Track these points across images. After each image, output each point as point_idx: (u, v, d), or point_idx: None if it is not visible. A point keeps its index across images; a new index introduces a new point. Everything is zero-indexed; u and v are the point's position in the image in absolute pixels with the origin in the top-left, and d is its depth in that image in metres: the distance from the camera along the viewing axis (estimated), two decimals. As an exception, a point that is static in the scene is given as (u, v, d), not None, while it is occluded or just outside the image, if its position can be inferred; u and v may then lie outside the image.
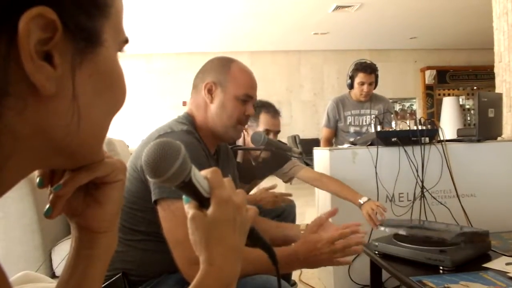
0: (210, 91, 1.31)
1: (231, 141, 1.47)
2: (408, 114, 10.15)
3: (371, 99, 3.28)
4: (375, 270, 1.86)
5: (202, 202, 0.57)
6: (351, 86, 3.28)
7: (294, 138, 7.91)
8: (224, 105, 1.30)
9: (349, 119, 3.28)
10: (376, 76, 3.22)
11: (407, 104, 10.39)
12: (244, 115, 1.32)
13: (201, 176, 0.57)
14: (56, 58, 0.35)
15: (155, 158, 0.52)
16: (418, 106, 10.15)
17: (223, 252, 0.57)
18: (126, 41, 0.45)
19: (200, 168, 0.58)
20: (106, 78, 0.41)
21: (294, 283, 2.55)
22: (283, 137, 8.89)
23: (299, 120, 9.38)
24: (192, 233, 0.57)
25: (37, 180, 0.49)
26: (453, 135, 2.68)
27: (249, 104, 1.33)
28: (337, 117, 3.33)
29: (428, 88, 9.93)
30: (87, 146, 0.43)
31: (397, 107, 10.35)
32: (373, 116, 3.18)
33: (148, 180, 1.14)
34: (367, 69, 3.17)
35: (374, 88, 3.26)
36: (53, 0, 0.33)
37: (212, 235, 0.57)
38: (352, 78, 3.24)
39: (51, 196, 0.48)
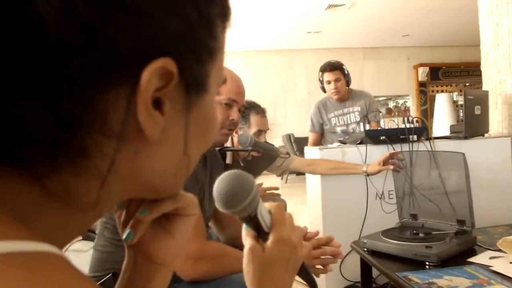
0: None
1: (217, 145, 1.50)
2: (400, 111, 10.21)
3: (351, 96, 3.31)
4: (365, 266, 1.89)
5: (260, 234, 0.58)
6: (323, 89, 3.32)
7: (289, 136, 7.95)
8: None
9: (334, 121, 3.32)
10: (343, 72, 3.21)
11: (400, 101, 10.45)
12: (228, 120, 1.35)
13: (266, 210, 0.59)
14: (167, 106, 0.34)
15: (229, 192, 0.53)
16: (411, 103, 10.22)
17: None
18: (225, 81, 0.45)
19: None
20: (206, 122, 0.41)
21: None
22: (277, 136, 8.97)
23: (294, 119, 9.42)
24: (246, 264, 0.58)
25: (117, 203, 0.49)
26: (447, 131, 2.73)
27: (234, 109, 1.36)
28: (321, 121, 3.37)
29: (421, 85, 10.00)
30: (176, 185, 0.44)
31: (391, 104, 10.41)
32: (356, 113, 3.22)
33: None
34: (328, 67, 3.20)
35: (348, 84, 3.27)
36: (176, 51, 0.33)
37: (265, 272, 0.58)
38: (322, 81, 3.28)
39: (132, 221, 0.48)
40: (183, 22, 0.33)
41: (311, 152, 2.59)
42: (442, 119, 8.42)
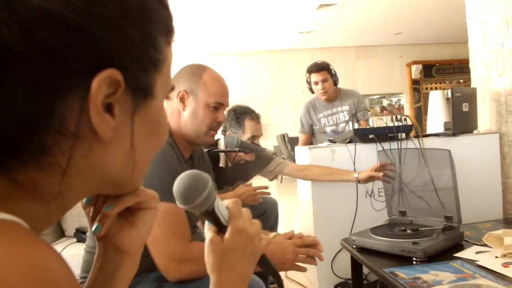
0: (182, 99, 1.36)
1: (204, 146, 1.52)
2: (394, 109, 10.25)
3: (339, 95, 3.33)
4: (355, 263, 1.91)
5: (221, 228, 0.63)
6: (311, 90, 3.34)
7: (283, 136, 7.95)
8: (196, 113, 1.35)
9: (323, 121, 3.34)
10: (330, 72, 3.23)
11: (394, 100, 10.49)
12: (215, 122, 1.38)
13: (223, 206, 0.64)
14: (116, 109, 0.41)
15: (185, 189, 0.59)
16: (405, 101, 10.25)
17: (231, 278, 0.63)
18: (172, 88, 0.52)
19: (173, 172, 0.64)
20: (155, 123, 0.48)
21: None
22: (272, 136, 8.98)
23: (288, 118, 9.43)
24: (207, 255, 0.64)
25: (85, 199, 0.56)
26: (441, 128, 2.75)
27: (220, 111, 1.39)
28: (311, 122, 3.39)
29: (415, 82, 10.03)
30: (135, 179, 0.50)
31: (385, 102, 10.45)
32: (345, 112, 3.24)
33: None
34: (314, 68, 3.24)
35: (335, 85, 3.28)
36: (121, 62, 0.39)
37: (224, 260, 0.63)
38: (309, 82, 3.30)
39: (99, 216, 0.55)
40: (126, 39, 0.40)
41: (301, 152, 2.61)
42: (436, 116, 8.44)
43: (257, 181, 2.36)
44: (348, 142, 2.36)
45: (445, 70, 10.10)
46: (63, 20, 0.35)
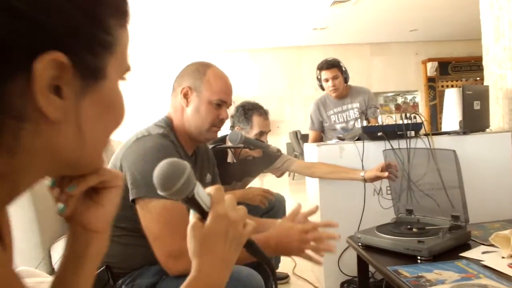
0: (186, 96, 1.37)
1: (206, 142, 1.53)
2: (409, 107, 10.14)
3: (350, 93, 3.31)
4: (361, 261, 1.91)
5: (203, 215, 0.65)
6: (322, 88, 3.32)
7: (295, 133, 7.94)
8: (199, 109, 1.36)
9: (333, 118, 3.32)
10: (340, 70, 3.22)
11: (409, 97, 10.37)
12: (218, 119, 1.39)
13: (205, 193, 0.65)
14: (64, 91, 0.42)
15: (163, 176, 0.61)
16: (420, 99, 10.13)
17: (211, 261, 0.65)
18: (128, 69, 0.52)
19: None
20: (107, 104, 0.48)
21: (287, 276, 2.61)
22: (285, 133, 8.97)
23: (301, 115, 9.41)
24: (189, 240, 0.66)
25: (50, 181, 0.57)
26: (457, 126, 2.71)
27: (223, 108, 1.40)
28: (321, 119, 3.38)
29: (430, 80, 9.90)
30: (90, 159, 0.51)
31: (400, 100, 10.34)
32: (355, 109, 3.22)
33: (126, 180, 1.21)
34: (324, 65, 3.22)
35: (346, 81, 3.27)
36: (66, 46, 0.40)
37: (204, 245, 0.65)
38: (319, 80, 3.29)
39: (63, 196, 0.56)
40: (71, 23, 0.41)
41: (310, 149, 2.60)
42: (452, 114, 8.34)
43: (268, 178, 2.37)
44: (357, 140, 2.35)
45: (461, 67, 9.95)
46: (4, 6, 0.37)
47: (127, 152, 1.27)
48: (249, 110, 2.26)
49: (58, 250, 2.27)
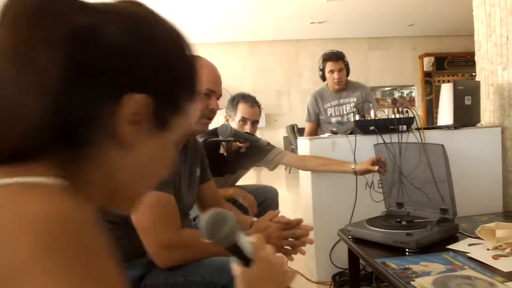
0: None
1: (197, 134, 1.54)
2: (405, 102, 10.17)
3: (348, 87, 3.35)
4: (352, 254, 1.94)
5: (246, 262, 0.69)
6: (323, 78, 3.35)
7: (292, 127, 7.97)
8: None
9: (330, 111, 3.35)
10: (345, 63, 3.27)
11: (406, 92, 10.40)
12: (207, 109, 1.39)
13: (247, 240, 0.70)
14: (139, 126, 0.50)
15: (208, 226, 0.65)
16: (417, 93, 10.17)
17: None
18: (182, 135, 0.62)
19: None
20: (160, 153, 0.55)
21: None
22: (282, 126, 8.98)
23: (299, 109, 9.43)
24: (238, 285, 0.70)
25: None
26: (451, 121, 2.74)
27: (212, 98, 1.39)
28: (317, 111, 3.41)
29: (427, 75, 9.94)
30: (131, 193, 0.57)
31: (396, 94, 10.37)
32: (352, 104, 3.25)
33: None
34: (333, 56, 3.26)
35: (347, 75, 3.31)
36: (157, 93, 0.50)
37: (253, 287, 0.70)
38: (322, 70, 3.32)
39: None
40: (164, 83, 0.52)
41: (302, 142, 2.63)
42: (448, 109, 8.37)
43: (264, 171, 2.39)
44: (350, 134, 2.38)
45: (458, 63, 9.98)
46: (131, 50, 0.49)
47: None
48: (235, 97, 2.28)
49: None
